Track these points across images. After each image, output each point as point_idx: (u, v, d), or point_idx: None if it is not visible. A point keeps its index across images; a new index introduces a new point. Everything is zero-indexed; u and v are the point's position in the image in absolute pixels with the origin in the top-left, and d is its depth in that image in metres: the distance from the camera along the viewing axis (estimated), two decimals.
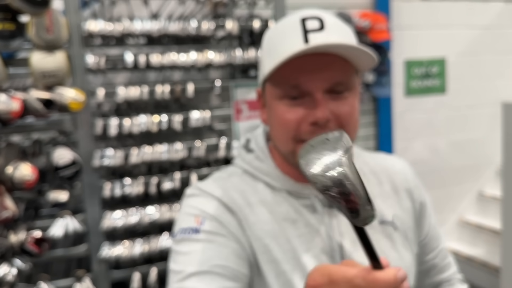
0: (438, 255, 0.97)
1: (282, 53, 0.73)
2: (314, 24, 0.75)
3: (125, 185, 1.96)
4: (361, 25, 3.09)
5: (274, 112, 0.79)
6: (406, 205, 0.90)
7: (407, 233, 0.89)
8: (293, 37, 0.75)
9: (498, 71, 3.82)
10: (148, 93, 1.98)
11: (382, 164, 0.93)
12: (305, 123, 0.76)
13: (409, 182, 0.93)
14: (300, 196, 0.83)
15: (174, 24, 1.96)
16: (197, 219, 0.79)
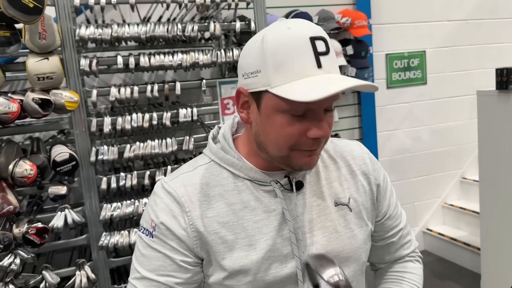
0: (397, 234, 1.06)
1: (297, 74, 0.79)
2: (321, 46, 0.80)
3: (120, 179, 2.09)
4: (342, 22, 3.24)
5: (272, 122, 0.83)
6: (362, 187, 0.99)
7: (362, 213, 0.98)
8: (306, 59, 0.79)
9: (476, 62, 3.97)
10: (138, 93, 2.11)
11: (342, 150, 1.01)
12: (305, 137, 0.82)
13: (367, 166, 1.00)
14: (261, 183, 0.91)
15: (161, 27, 2.09)
16: (152, 224, 0.90)
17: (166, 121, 2.14)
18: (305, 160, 0.86)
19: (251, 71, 0.83)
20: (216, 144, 0.96)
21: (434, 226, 3.97)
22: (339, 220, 0.94)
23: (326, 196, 0.94)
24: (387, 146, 3.78)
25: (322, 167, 0.97)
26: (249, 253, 0.88)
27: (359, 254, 0.95)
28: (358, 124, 3.63)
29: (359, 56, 3.31)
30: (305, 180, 0.93)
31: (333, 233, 0.93)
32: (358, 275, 0.97)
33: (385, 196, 1.02)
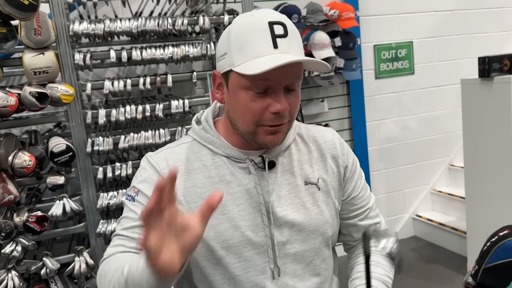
0: (364, 213, 1.14)
1: (255, 53, 0.88)
2: (280, 29, 0.90)
3: (116, 169, 2.18)
4: (330, 14, 3.31)
5: (238, 99, 0.93)
6: (331, 169, 1.08)
7: (329, 192, 1.07)
8: (264, 40, 0.89)
9: (462, 51, 4.06)
10: (131, 86, 2.18)
11: (314, 135, 1.11)
12: (267, 112, 0.92)
13: (336, 150, 1.09)
14: (237, 160, 1.00)
15: (152, 22, 2.16)
16: (135, 190, 1.00)
17: (159, 113, 2.22)
18: (269, 138, 0.95)
19: (221, 54, 0.95)
20: (199, 126, 1.06)
21: (423, 212, 4.08)
22: (308, 197, 1.04)
23: (297, 176, 1.04)
24: (376, 135, 3.87)
25: (295, 150, 1.07)
26: (222, 221, 0.97)
27: (325, 228, 1.05)
28: (347, 114, 3.72)
29: (347, 47, 3.39)
30: (277, 161, 1.03)
31: (302, 209, 1.02)
32: (323, 247, 1.06)
33: (352, 178, 1.11)
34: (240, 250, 0.98)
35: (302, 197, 1.03)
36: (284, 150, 1.05)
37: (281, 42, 0.89)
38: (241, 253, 0.98)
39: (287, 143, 1.05)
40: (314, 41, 3.24)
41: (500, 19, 4.21)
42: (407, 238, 4.01)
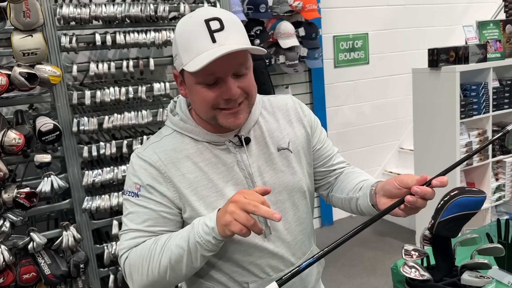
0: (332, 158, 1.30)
1: (197, 51, 0.96)
2: (215, 24, 0.97)
3: (100, 148, 2.28)
4: (295, 5, 3.52)
5: (194, 93, 1.03)
6: (299, 130, 1.21)
7: (300, 152, 1.20)
8: (202, 37, 0.96)
9: (412, 43, 4.42)
10: (115, 68, 2.29)
11: (278, 105, 1.23)
12: (220, 99, 1.01)
13: (299, 113, 1.22)
14: (217, 144, 1.11)
15: (135, 7, 2.27)
16: (136, 186, 1.07)
17: (141, 95, 2.34)
18: (230, 120, 1.05)
19: (174, 55, 1.05)
20: (175, 116, 1.15)
21: None
22: (283, 161, 1.17)
23: (269, 145, 1.16)
24: (335, 120, 4.16)
25: (263, 121, 1.20)
26: (216, 198, 1.09)
27: (301, 184, 1.22)
28: (309, 100, 3.97)
29: (310, 37, 3.62)
30: (251, 135, 1.15)
31: (279, 173, 1.18)
32: (302, 199, 1.23)
33: (316, 132, 1.28)
34: None
35: (278, 163, 1.16)
36: (253, 125, 1.16)
37: (219, 36, 0.96)
38: None
39: (254, 117, 1.16)
40: (280, 30, 3.45)
41: (446, 14, 4.62)
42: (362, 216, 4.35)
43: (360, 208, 1.21)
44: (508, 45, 3.34)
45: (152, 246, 1.03)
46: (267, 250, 1.15)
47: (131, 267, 1.06)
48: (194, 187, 1.08)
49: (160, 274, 1.02)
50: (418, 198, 1.03)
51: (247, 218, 0.91)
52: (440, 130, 3.12)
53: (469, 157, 1.13)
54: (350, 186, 1.25)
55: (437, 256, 1.47)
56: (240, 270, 1.15)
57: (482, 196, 1.43)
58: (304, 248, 1.24)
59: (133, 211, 1.08)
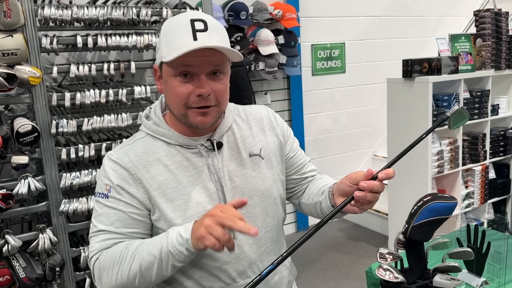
0: (305, 165, 1.34)
1: (178, 45, 1.00)
2: (200, 25, 1.01)
3: (79, 150, 2.27)
4: (275, 13, 3.58)
5: (169, 85, 1.06)
6: (271, 138, 1.25)
7: (271, 159, 1.23)
8: (185, 34, 1.01)
9: (387, 53, 4.55)
10: (96, 70, 2.28)
11: (252, 113, 1.27)
12: (192, 95, 1.04)
13: (272, 122, 1.27)
14: (189, 147, 1.13)
15: (117, 11, 2.28)
16: (106, 187, 1.08)
17: (122, 98, 2.34)
18: (199, 119, 1.07)
19: (156, 50, 1.10)
20: (149, 121, 1.17)
21: None
22: (254, 167, 1.20)
23: (241, 151, 1.19)
24: (312, 127, 4.23)
25: (237, 128, 1.24)
26: (184, 201, 1.10)
27: (271, 190, 1.24)
28: (287, 107, 4.03)
29: (289, 45, 3.69)
30: (223, 140, 1.17)
31: (249, 178, 1.20)
32: (272, 206, 1.24)
33: (289, 141, 1.32)
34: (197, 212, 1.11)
35: (248, 168, 1.18)
36: (227, 131, 1.18)
37: (201, 36, 1.01)
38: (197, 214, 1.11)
39: (228, 123, 1.19)
40: (260, 37, 3.50)
41: (420, 26, 4.77)
42: (335, 221, 4.43)
43: (323, 211, 1.24)
44: (478, 58, 3.48)
45: (124, 250, 1.03)
46: (234, 255, 1.16)
47: (100, 270, 1.06)
48: (163, 189, 1.09)
49: (129, 279, 1.02)
50: (367, 192, 1.05)
51: (223, 233, 0.91)
52: (413, 138, 3.18)
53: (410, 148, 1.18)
54: (315, 191, 1.29)
55: (410, 259, 1.53)
56: (207, 275, 1.15)
57: (453, 202, 1.51)
58: (274, 255, 1.25)
59: (102, 212, 1.08)
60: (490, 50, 3.52)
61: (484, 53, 3.50)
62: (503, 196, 3.85)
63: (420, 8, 4.77)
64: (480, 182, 3.58)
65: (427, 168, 3.15)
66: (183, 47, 0.99)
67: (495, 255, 1.73)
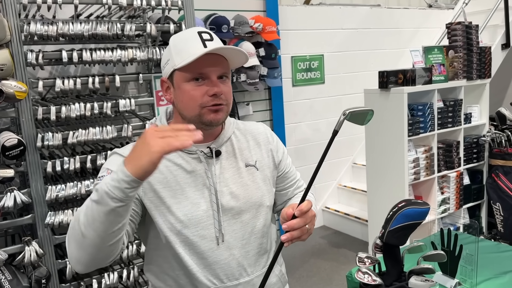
0: (294, 184, 1.44)
1: (190, 53, 1.12)
2: (206, 36, 1.17)
3: (64, 163, 2.29)
4: (255, 27, 3.67)
5: (183, 90, 1.16)
6: (266, 153, 1.34)
7: (265, 171, 1.32)
8: (196, 43, 1.15)
9: (364, 65, 4.69)
10: (81, 84, 2.32)
11: (250, 129, 1.36)
12: (206, 96, 1.15)
13: (268, 139, 1.37)
14: (190, 152, 1.22)
15: (102, 26, 2.33)
16: (108, 171, 1.15)
17: (107, 111, 2.39)
18: (212, 116, 1.18)
19: (165, 62, 1.20)
20: None
21: (331, 204, 4.63)
22: (248, 177, 1.29)
23: (238, 161, 1.29)
24: (293, 136, 4.32)
25: (235, 140, 1.33)
26: (182, 200, 1.20)
27: (264, 199, 1.32)
28: (269, 117, 4.11)
29: (269, 57, 3.78)
30: (222, 150, 1.27)
31: (244, 186, 1.29)
32: (264, 214, 1.32)
33: (282, 159, 1.41)
34: (197, 222, 1.21)
35: (244, 177, 1.28)
36: (226, 141, 1.28)
37: (209, 44, 1.15)
38: (198, 224, 1.21)
39: (227, 134, 1.28)
40: None
41: (395, 38, 4.93)
42: (317, 228, 4.52)
43: None
44: (451, 68, 3.64)
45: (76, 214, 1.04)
46: (222, 256, 1.23)
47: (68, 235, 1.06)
48: (161, 187, 1.19)
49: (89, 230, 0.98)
50: (292, 232, 1.10)
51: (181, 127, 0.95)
52: (390, 146, 3.35)
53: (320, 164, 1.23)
54: None
55: (387, 263, 1.62)
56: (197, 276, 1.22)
57: (426, 207, 1.60)
58: (263, 261, 1.33)
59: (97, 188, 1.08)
60: (462, 61, 3.68)
61: (456, 64, 3.66)
62: (478, 201, 4.00)
63: (395, 21, 4.95)
64: (455, 188, 3.71)
65: (404, 175, 3.27)
66: (195, 53, 1.11)
67: (467, 257, 1.82)
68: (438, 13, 5.36)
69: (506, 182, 3.81)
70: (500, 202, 3.83)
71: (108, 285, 2.45)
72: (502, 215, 3.84)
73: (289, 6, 4.20)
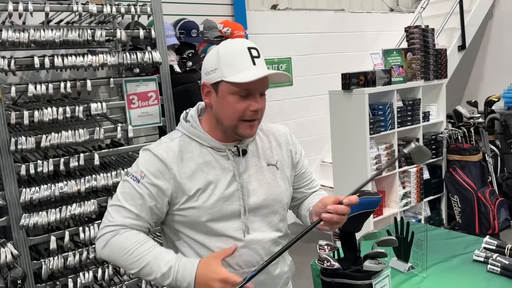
0: (310, 182, 1.56)
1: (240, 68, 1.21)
2: (255, 52, 1.25)
3: (38, 166, 2.35)
4: (224, 31, 3.79)
5: (227, 101, 1.25)
6: (286, 153, 1.46)
7: (285, 171, 1.44)
8: (245, 59, 1.23)
9: (329, 67, 4.87)
10: (53, 89, 2.39)
11: (272, 130, 1.48)
12: (248, 110, 1.24)
13: (288, 140, 1.48)
14: (219, 150, 1.33)
15: (73, 32, 2.40)
16: (141, 174, 1.28)
17: (79, 114, 2.46)
18: (248, 131, 1.29)
19: (211, 69, 1.27)
20: (187, 123, 1.37)
21: None
22: (270, 175, 1.41)
23: (261, 159, 1.40)
24: None
25: (259, 140, 1.45)
26: (210, 195, 1.30)
27: (282, 196, 1.45)
28: None
29: None
30: (248, 149, 1.37)
31: (265, 183, 1.41)
32: (281, 210, 1.46)
33: (301, 158, 1.54)
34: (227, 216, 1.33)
35: (266, 175, 1.39)
36: (251, 141, 1.38)
37: (257, 61, 1.25)
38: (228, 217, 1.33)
39: None
40: None
41: (359, 41, 5.14)
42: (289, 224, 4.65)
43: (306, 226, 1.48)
44: (409, 70, 3.85)
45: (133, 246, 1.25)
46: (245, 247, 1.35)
47: (108, 244, 1.27)
48: (193, 183, 1.29)
49: (125, 266, 1.25)
50: (333, 214, 1.30)
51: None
52: (353, 144, 3.52)
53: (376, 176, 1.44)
54: (306, 206, 1.53)
55: (344, 249, 1.77)
56: None
57: (378, 197, 1.76)
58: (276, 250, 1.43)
59: (129, 192, 1.28)
60: (419, 63, 3.90)
61: (414, 66, 3.88)
62: (437, 195, 4.23)
63: (358, 25, 5.16)
64: (415, 183, 3.93)
65: (367, 171, 3.45)
66: (245, 70, 1.22)
67: (418, 243, 1.99)
68: (400, 16, 5.62)
69: (463, 175, 4.06)
70: (457, 194, 4.08)
71: (84, 284, 2.52)
72: (460, 207, 4.09)
73: (256, 11, 4.34)
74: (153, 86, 2.76)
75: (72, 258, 2.45)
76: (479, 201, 4.00)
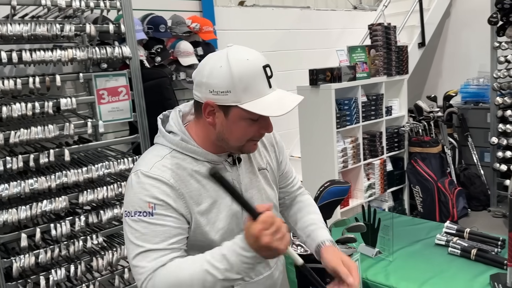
0: (293, 180, 1.57)
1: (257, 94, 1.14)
2: (269, 71, 1.18)
3: (7, 162, 2.32)
4: (192, 26, 3.81)
5: (238, 126, 1.18)
6: (273, 154, 1.46)
7: (274, 171, 1.44)
8: (262, 82, 1.16)
9: (297, 63, 4.96)
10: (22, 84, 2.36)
11: None
12: (257, 133, 1.21)
13: (273, 140, 1.47)
14: (215, 163, 1.27)
15: (41, 27, 2.37)
16: (149, 205, 1.13)
17: (49, 110, 2.43)
18: (252, 148, 1.27)
19: (222, 91, 1.14)
20: (175, 137, 1.25)
21: None
22: (263, 179, 1.40)
23: (253, 165, 1.37)
24: None
25: None
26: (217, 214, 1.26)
27: (275, 200, 1.47)
28: None
29: None
30: (241, 156, 1.34)
31: (261, 190, 1.40)
32: (276, 212, 1.48)
33: (283, 158, 1.55)
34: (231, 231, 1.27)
35: (260, 180, 1.38)
36: None
37: (272, 82, 1.20)
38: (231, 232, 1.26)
39: None
40: (179, 49, 3.71)
41: (324, 38, 5.26)
42: None
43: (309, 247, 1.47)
44: (372, 66, 4.00)
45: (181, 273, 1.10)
46: None
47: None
48: (199, 204, 1.22)
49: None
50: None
51: None
52: (321, 139, 3.63)
53: None
54: (300, 225, 1.51)
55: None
56: None
57: (347, 185, 1.87)
58: None
59: (147, 231, 1.13)
60: (382, 59, 4.06)
61: (378, 62, 4.03)
62: (400, 186, 4.42)
63: (323, 22, 5.28)
64: (379, 174, 4.09)
65: (334, 164, 3.57)
66: (263, 95, 1.15)
67: (384, 228, 2.11)
68: (363, 14, 5.78)
69: (424, 167, 4.26)
70: (419, 185, 4.27)
71: (56, 281, 2.50)
72: (421, 196, 4.29)
73: (224, 7, 4.37)
74: (123, 81, 2.76)
75: (44, 255, 2.43)
76: (439, 191, 4.21)
